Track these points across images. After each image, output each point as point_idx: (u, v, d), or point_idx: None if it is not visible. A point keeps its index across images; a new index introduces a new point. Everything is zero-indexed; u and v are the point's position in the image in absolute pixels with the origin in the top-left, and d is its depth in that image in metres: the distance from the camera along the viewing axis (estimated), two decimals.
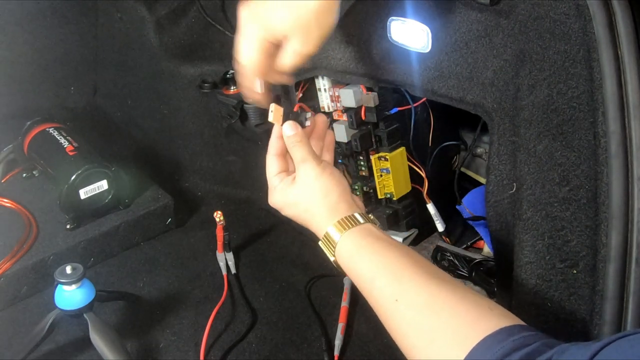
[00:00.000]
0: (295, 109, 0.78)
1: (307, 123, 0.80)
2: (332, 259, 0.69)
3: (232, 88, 1.27)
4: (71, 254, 1.11)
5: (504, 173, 0.87)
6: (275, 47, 0.70)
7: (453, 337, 0.54)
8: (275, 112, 0.76)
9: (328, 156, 0.81)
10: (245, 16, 0.70)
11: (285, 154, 0.78)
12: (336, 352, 0.95)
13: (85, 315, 0.90)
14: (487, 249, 1.07)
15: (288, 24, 0.67)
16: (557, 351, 0.47)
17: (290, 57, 0.70)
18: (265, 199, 0.78)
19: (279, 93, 0.77)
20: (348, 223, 0.69)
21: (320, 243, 0.71)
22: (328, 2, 0.67)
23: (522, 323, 0.54)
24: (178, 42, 1.38)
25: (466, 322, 0.54)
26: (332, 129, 1.07)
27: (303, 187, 0.73)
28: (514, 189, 0.82)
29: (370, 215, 0.72)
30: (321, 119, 0.82)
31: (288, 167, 0.78)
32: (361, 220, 0.70)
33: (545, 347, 0.49)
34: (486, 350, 0.50)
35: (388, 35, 0.93)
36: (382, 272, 0.63)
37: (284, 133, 0.76)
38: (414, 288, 0.59)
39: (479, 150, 1.13)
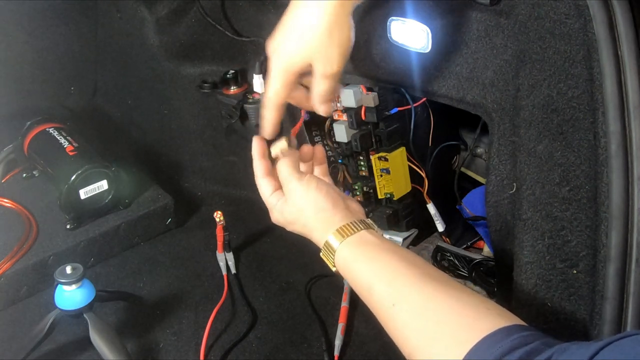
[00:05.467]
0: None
1: None
2: (333, 269, 0.69)
3: (232, 88, 1.27)
4: (71, 254, 1.11)
5: (504, 173, 0.87)
6: (301, 77, 0.71)
7: (452, 339, 0.54)
8: (280, 144, 0.76)
9: (320, 170, 0.81)
10: (269, 52, 0.71)
11: (272, 172, 0.77)
12: (336, 352, 0.95)
13: (85, 315, 0.90)
14: (487, 249, 1.07)
15: (304, 51, 0.68)
16: (557, 350, 0.47)
17: (319, 83, 0.70)
18: None
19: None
20: (343, 233, 0.69)
21: (321, 254, 0.71)
22: (336, 19, 0.67)
23: (521, 322, 0.54)
24: (178, 42, 1.38)
25: (464, 323, 0.54)
26: (333, 129, 1.07)
27: (294, 206, 0.73)
28: (514, 189, 0.82)
29: (367, 220, 0.72)
30: (307, 148, 0.80)
31: (280, 185, 0.77)
32: (357, 228, 0.69)
33: (544, 346, 0.49)
34: (485, 350, 0.50)
35: (388, 35, 0.92)
36: (378, 279, 0.63)
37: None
38: (411, 292, 0.60)
39: (479, 150, 1.13)
